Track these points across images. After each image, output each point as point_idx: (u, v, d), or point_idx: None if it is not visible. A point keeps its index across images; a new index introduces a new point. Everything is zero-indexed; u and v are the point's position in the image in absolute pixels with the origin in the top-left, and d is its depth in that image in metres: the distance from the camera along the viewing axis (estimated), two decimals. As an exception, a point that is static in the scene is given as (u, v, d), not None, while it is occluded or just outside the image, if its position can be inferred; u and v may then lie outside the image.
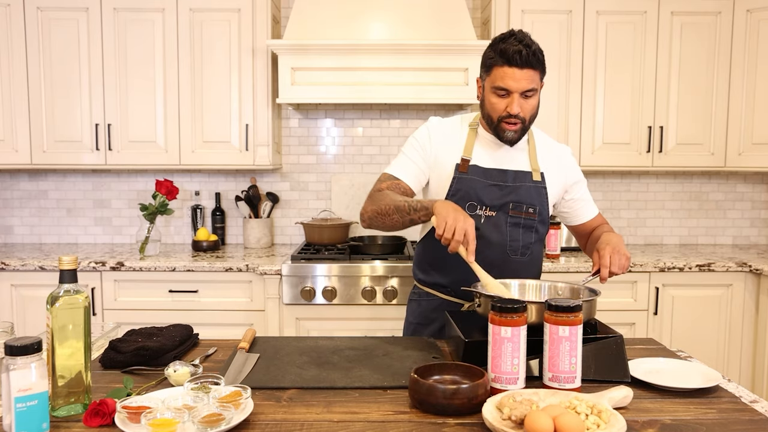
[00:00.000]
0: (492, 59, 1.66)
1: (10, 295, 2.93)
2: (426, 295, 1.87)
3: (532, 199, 1.75)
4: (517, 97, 1.64)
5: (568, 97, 3.16)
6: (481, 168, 1.75)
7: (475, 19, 3.46)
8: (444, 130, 1.81)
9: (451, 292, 1.81)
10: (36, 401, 1.03)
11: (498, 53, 1.64)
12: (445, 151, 1.78)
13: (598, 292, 1.44)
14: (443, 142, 1.78)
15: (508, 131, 1.68)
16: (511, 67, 1.62)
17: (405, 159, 1.81)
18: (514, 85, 1.63)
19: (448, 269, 1.79)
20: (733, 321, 2.99)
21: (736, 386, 1.31)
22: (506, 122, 1.67)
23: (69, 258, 1.15)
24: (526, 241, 1.77)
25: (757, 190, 3.60)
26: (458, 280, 1.74)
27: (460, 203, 1.71)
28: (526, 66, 1.61)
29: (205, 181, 3.54)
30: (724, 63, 3.17)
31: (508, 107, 1.65)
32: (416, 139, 1.81)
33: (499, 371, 1.22)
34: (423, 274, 1.88)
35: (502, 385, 1.21)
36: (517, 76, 1.62)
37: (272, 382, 1.29)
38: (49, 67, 3.11)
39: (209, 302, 2.91)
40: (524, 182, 1.75)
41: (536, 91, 1.68)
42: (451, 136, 1.79)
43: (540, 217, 1.77)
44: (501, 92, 1.65)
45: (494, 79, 1.65)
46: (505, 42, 1.63)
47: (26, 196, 3.54)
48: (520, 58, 1.60)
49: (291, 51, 2.95)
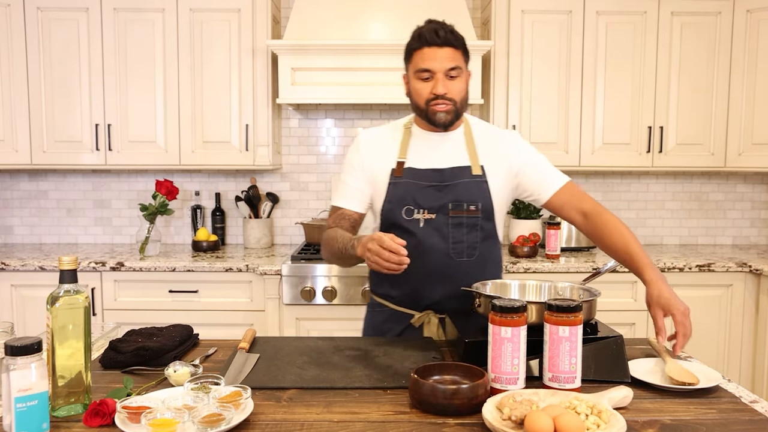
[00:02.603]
0: (411, 47, 1.65)
1: (10, 295, 2.93)
2: (378, 306, 1.82)
3: (473, 195, 1.69)
4: (441, 77, 1.61)
5: (568, 97, 3.16)
6: (416, 170, 1.70)
7: (475, 19, 3.46)
8: (374, 140, 1.77)
9: (400, 303, 1.76)
10: (36, 401, 1.03)
11: (416, 38, 1.64)
12: (379, 161, 1.73)
13: (598, 292, 1.44)
14: (376, 153, 1.74)
15: (439, 112, 1.63)
16: (431, 47, 1.60)
17: (343, 186, 1.79)
18: (436, 64, 1.60)
19: (396, 281, 1.73)
20: (733, 321, 2.99)
21: (736, 386, 1.31)
22: (434, 104, 1.63)
23: (69, 258, 1.15)
24: (471, 240, 1.70)
25: (757, 190, 3.60)
26: (408, 292, 1.73)
27: (396, 208, 1.68)
28: (445, 44, 1.60)
29: (205, 181, 3.54)
30: (724, 63, 3.17)
31: (433, 89, 1.62)
32: (348, 160, 1.79)
33: (499, 371, 1.22)
34: (374, 285, 1.84)
35: (502, 385, 1.21)
36: (438, 55, 1.60)
37: (272, 382, 1.29)
38: (49, 67, 3.11)
39: (209, 302, 2.91)
40: (462, 178, 1.69)
41: (462, 72, 1.64)
42: (384, 144, 1.75)
43: (484, 213, 1.69)
44: (424, 74, 1.62)
45: (416, 63, 1.63)
46: (421, 27, 1.65)
47: (26, 196, 3.54)
48: (437, 36, 1.59)
49: (291, 51, 2.95)
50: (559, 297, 1.57)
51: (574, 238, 3.30)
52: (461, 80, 1.64)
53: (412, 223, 1.67)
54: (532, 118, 3.17)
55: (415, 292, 1.72)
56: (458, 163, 1.70)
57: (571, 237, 3.30)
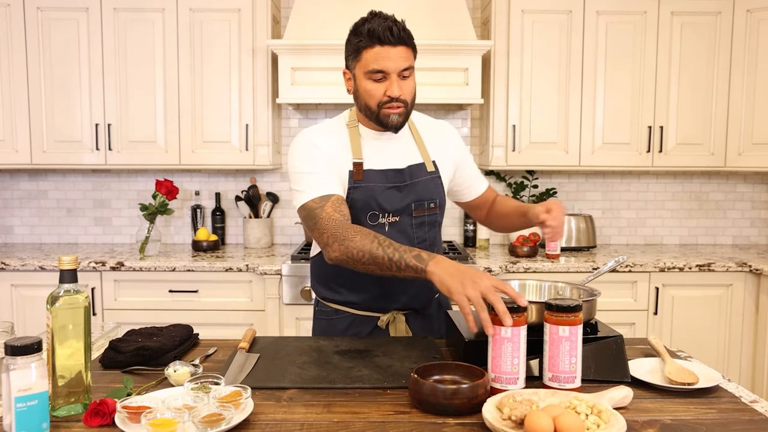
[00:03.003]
0: (360, 42, 1.52)
1: (10, 295, 2.93)
2: (335, 313, 1.72)
3: (431, 192, 1.65)
4: (396, 78, 1.51)
5: (568, 97, 3.16)
6: (377, 171, 1.60)
7: (475, 19, 3.46)
8: (326, 139, 1.61)
9: (364, 308, 1.69)
10: (36, 401, 1.03)
11: (366, 35, 1.50)
12: (336, 160, 1.59)
13: (598, 292, 1.44)
14: (332, 151, 1.60)
15: (393, 115, 1.54)
16: (384, 46, 1.49)
17: (317, 176, 1.56)
18: (390, 65, 1.50)
19: (359, 286, 1.66)
20: (733, 321, 2.99)
21: (736, 386, 1.31)
22: (388, 107, 1.53)
23: (69, 258, 1.15)
24: (432, 237, 1.69)
25: (757, 190, 3.60)
26: (375, 296, 1.67)
27: (360, 214, 1.58)
28: (399, 43, 1.50)
29: (205, 181, 3.54)
30: (724, 63, 3.17)
31: (388, 90, 1.52)
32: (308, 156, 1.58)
33: (499, 371, 1.22)
34: (329, 291, 1.72)
35: (502, 385, 1.21)
36: (392, 55, 1.49)
37: (272, 382, 1.29)
38: (49, 67, 3.11)
39: (209, 302, 2.91)
40: (420, 176, 1.63)
41: (412, 71, 1.56)
42: (335, 143, 1.61)
43: (440, 209, 1.69)
44: (377, 75, 1.51)
45: (367, 62, 1.51)
46: (370, 22, 1.51)
47: (26, 196, 3.54)
48: (392, 34, 1.48)
49: (291, 51, 2.95)
50: (559, 297, 1.57)
51: (574, 238, 3.31)
52: (412, 79, 1.57)
53: (377, 228, 1.61)
54: (532, 118, 3.17)
55: (384, 295, 1.67)
56: (413, 161, 1.65)
57: (571, 237, 3.30)
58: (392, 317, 1.70)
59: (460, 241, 3.55)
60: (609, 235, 3.60)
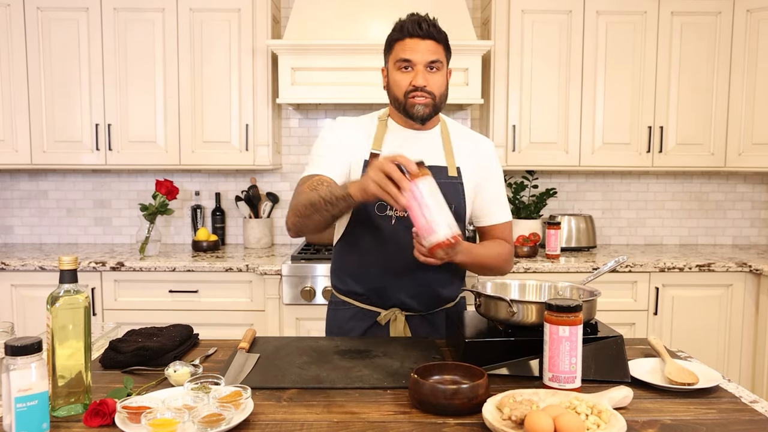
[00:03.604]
0: (393, 37, 1.63)
1: (10, 295, 2.93)
2: (342, 304, 1.76)
3: (448, 196, 1.62)
4: (422, 69, 1.58)
5: (568, 97, 3.16)
6: None
7: (475, 19, 3.46)
8: (350, 127, 1.71)
9: (366, 301, 1.72)
10: (36, 401, 1.03)
11: (398, 29, 1.61)
12: (354, 148, 1.67)
13: (598, 292, 1.44)
14: (351, 139, 1.68)
15: (417, 105, 1.60)
16: (412, 38, 1.58)
17: (320, 158, 1.67)
18: (416, 55, 1.58)
19: (362, 277, 1.70)
20: (733, 321, 2.99)
21: (736, 386, 1.31)
22: (413, 96, 1.60)
23: (69, 258, 1.15)
24: None
25: (757, 190, 3.60)
26: (374, 287, 1.68)
27: (367, 204, 1.59)
28: (427, 37, 1.58)
29: (205, 181, 3.54)
30: (724, 63, 3.17)
31: (413, 80, 1.59)
32: (324, 139, 1.70)
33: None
34: (339, 281, 1.77)
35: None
36: (419, 47, 1.58)
37: (272, 382, 1.29)
38: (49, 67, 3.11)
39: (209, 302, 2.91)
40: (439, 179, 1.54)
41: (442, 66, 1.62)
42: (359, 132, 1.70)
43: (456, 216, 1.58)
44: (404, 64, 1.60)
45: (396, 54, 1.61)
46: (403, 20, 1.62)
47: (26, 196, 3.54)
48: (420, 28, 1.57)
49: (291, 51, 2.95)
50: (559, 297, 1.57)
51: (574, 238, 3.31)
52: (441, 75, 1.62)
53: (384, 219, 1.64)
54: (532, 118, 3.17)
55: (382, 289, 1.69)
56: (434, 162, 1.66)
57: (571, 237, 3.30)
58: (393, 316, 1.70)
59: (460, 241, 3.55)
60: (609, 235, 3.60)
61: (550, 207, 3.55)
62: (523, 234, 3.20)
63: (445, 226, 1.29)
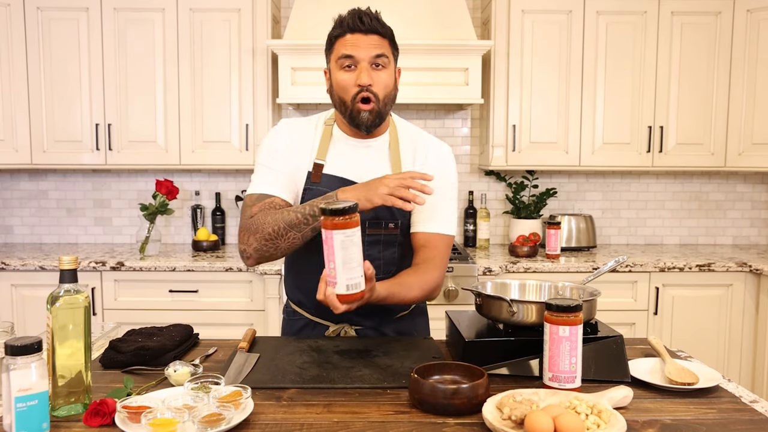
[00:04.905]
0: (332, 34, 1.51)
1: (10, 295, 2.93)
2: (293, 314, 1.70)
3: (393, 213, 1.54)
4: (366, 67, 1.46)
5: (568, 97, 3.16)
6: (334, 178, 1.53)
7: (475, 19, 3.46)
8: (294, 132, 1.58)
9: (315, 313, 1.65)
10: (36, 401, 1.03)
11: (338, 25, 1.50)
12: (298, 155, 1.56)
13: (598, 292, 1.44)
14: (296, 144, 1.57)
15: (363, 112, 1.47)
16: (354, 33, 1.46)
17: (266, 170, 1.55)
18: (359, 51, 1.46)
19: (310, 291, 1.47)
20: (733, 321, 2.99)
21: (736, 386, 1.31)
22: (361, 102, 1.47)
23: (69, 258, 1.15)
24: (389, 258, 1.59)
25: (757, 190, 3.60)
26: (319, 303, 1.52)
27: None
28: (370, 31, 1.47)
29: (205, 180, 3.54)
30: (724, 63, 3.17)
31: (357, 79, 1.46)
32: (270, 145, 1.57)
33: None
34: (290, 291, 1.70)
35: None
36: (362, 43, 1.46)
37: (272, 382, 1.29)
38: (49, 67, 3.11)
39: (209, 302, 2.91)
40: None
41: (389, 63, 1.50)
42: (304, 139, 1.58)
43: (403, 230, 1.57)
44: (347, 62, 1.47)
45: (338, 51, 1.48)
46: (344, 15, 1.50)
47: (26, 196, 3.54)
48: (361, 22, 1.46)
49: (291, 51, 2.95)
50: (559, 297, 1.57)
51: (574, 238, 3.31)
52: (388, 73, 1.50)
53: None
54: (532, 118, 3.17)
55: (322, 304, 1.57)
56: (381, 174, 1.51)
57: (571, 237, 3.31)
58: (342, 330, 1.63)
59: (460, 241, 3.55)
60: (609, 235, 3.60)
61: (550, 207, 3.55)
62: (523, 234, 3.20)
63: (342, 286, 1.22)
